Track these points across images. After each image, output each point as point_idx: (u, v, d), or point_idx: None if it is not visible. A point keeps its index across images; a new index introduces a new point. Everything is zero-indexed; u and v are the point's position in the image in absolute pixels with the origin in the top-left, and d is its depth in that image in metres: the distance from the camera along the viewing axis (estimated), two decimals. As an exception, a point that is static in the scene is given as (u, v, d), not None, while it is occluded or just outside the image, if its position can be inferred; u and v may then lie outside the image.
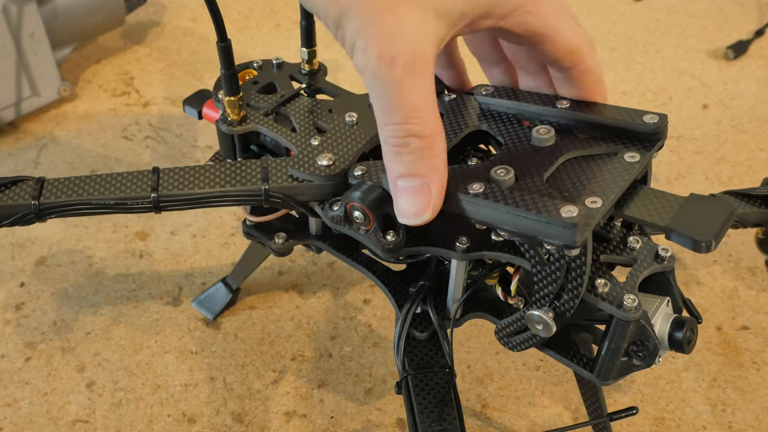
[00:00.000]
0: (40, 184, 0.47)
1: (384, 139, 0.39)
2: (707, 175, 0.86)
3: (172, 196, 0.47)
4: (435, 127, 0.38)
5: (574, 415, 0.63)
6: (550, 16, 0.40)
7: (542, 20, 0.40)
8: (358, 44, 0.37)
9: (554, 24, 0.40)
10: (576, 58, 0.42)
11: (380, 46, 0.36)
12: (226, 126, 0.52)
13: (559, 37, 0.41)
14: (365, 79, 0.38)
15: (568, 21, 0.41)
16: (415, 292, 0.52)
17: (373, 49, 0.36)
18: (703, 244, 0.37)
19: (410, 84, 0.37)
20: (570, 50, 0.41)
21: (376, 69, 0.36)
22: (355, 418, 0.63)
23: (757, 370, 0.66)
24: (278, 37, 1.11)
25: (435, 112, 0.38)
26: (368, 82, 0.38)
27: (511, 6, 0.39)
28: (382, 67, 0.36)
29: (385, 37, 0.36)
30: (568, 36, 0.41)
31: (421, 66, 0.37)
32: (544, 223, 0.37)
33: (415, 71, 0.37)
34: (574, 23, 0.41)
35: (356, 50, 0.37)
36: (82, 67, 1.04)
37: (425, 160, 0.38)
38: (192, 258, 0.76)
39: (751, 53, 1.05)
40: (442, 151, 0.39)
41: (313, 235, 0.56)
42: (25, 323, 0.70)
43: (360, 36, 0.36)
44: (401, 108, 0.37)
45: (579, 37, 0.41)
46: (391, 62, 0.36)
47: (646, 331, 0.42)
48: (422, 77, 0.37)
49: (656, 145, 0.42)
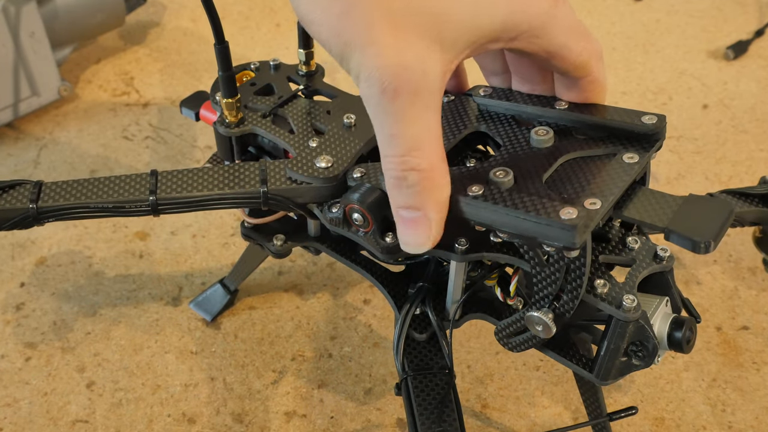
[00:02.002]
0: (38, 187, 0.47)
1: (385, 170, 0.39)
2: (707, 175, 0.86)
3: (171, 200, 0.47)
4: (435, 161, 0.38)
5: (574, 415, 0.63)
6: (559, 36, 0.39)
7: (551, 41, 0.39)
8: (362, 75, 0.36)
9: (563, 43, 0.40)
10: (583, 71, 0.42)
11: (383, 78, 0.35)
12: (224, 128, 0.52)
13: (568, 54, 0.40)
14: (369, 109, 0.37)
15: (578, 37, 0.40)
16: (414, 293, 0.52)
17: (377, 80, 0.36)
18: (702, 245, 0.37)
19: (412, 116, 0.36)
20: (578, 65, 0.41)
21: (379, 100, 0.36)
22: (355, 418, 0.63)
23: (757, 370, 0.66)
24: (278, 37, 1.11)
25: (438, 144, 0.38)
26: (371, 112, 0.37)
27: (518, 31, 0.38)
28: (384, 98, 0.36)
29: (388, 70, 0.35)
30: (576, 52, 0.40)
31: (425, 98, 0.36)
32: (544, 225, 0.37)
33: (418, 103, 0.36)
34: (583, 37, 0.41)
35: (361, 81, 0.37)
36: (82, 67, 1.04)
37: (424, 194, 0.38)
38: (192, 258, 0.76)
39: (751, 53, 1.05)
40: (443, 185, 0.39)
41: (311, 236, 0.56)
42: (25, 323, 0.70)
43: (363, 68, 0.36)
44: (402, 139, 0.37)
45: (588, 51, 0.41)
46: (395, 94, 0.36)
47: (645, 331, 0.42)
48: (426, 110, 0.37)
49: (655, 146, 0.42)
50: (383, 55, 0.35)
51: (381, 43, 0.35)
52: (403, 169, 0.38)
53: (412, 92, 0.36)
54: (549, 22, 0.39)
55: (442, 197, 0.39)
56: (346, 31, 0.36)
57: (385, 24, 0.35)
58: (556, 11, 0.39)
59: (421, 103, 0.36)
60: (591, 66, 0.42)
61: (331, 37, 0.37)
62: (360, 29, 0.35)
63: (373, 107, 0.37)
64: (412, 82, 0.36)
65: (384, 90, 0.36)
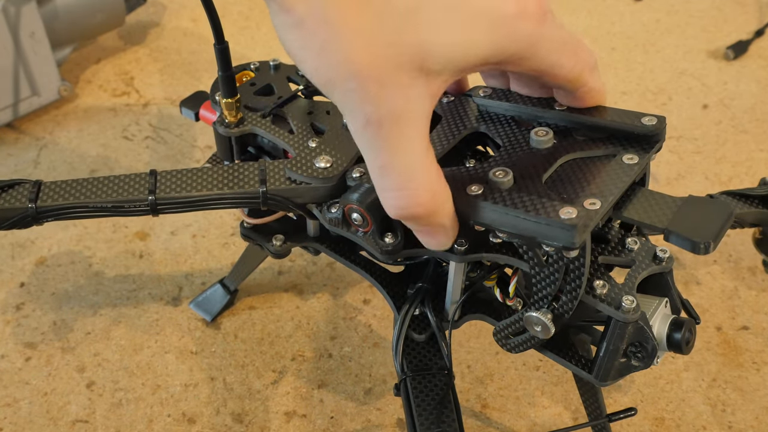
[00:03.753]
0: (37, 187, 0.47)
1: (386, 205, 0.39)
2: (707, 176, 0.86)
3: (170, 199, 0.47)
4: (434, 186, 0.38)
5: (574, 415, 0.63)
6: (549, 55, 0.39)
7: (541, 62, 0.39)
8: (345, 110, 0.36)
9: (554, 62, 0.39)
10: (578, 84, 0.41)
11: (365, 112, 0.35)
12: (224, 128, 0.52)
13: (559, 71, 0.40)
14: (356, 143, 0.37)
15: (569, 53, 0.39)
16: (413, 293, 0.52)
17: (359, 114, 0.35)
18: (702, 246, 0.37)
19: (399, 145, 0.36)
20: (571, 80, 0.41)
21: (363, 133, 0.36)
22: (355, 418, 0.63)
23: (757, 370, 0.66)
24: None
25: (430, 166, 0.38)
26: (360, 146, 0.37)
27: (506, 55, 0.37)
28: (368, 131, 0.36)
29: (369, 103, 0.35)
30: (567, 68, 0.40)
31: (410, 126, 0.36)
32: (543, 224, 0.37)
33: (403, 132, 0.36)
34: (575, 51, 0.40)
35: (345, 115, 0.37)
36: (82, 67, 1.04)
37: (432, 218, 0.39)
38: (192, 258, 0.76)
39: (751, 53, 1.05)
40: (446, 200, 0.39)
41: (310, 236, 0.56)
42: (25, 323, 0.70)
43: (346, 103, 0.36)
44: (394, 170, 0.37)
45: (580, 65, 0.40)
46: (378, 126, 0.35)
47: (644, 332, 0.42)
48: (414, 138, 0.36)
49: (654, 147, 0.42)
50: (364, 90, 0.35)
51: (360, 77, 0.35)
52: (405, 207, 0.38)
53: (395, 122, 0.35)
54: (536, 44, 0.38)
55: (449, 209, 0.39)
56: (325, 69, 0.35)
57: (364, 58, 0.34)
58: (543, 30, 0.37)
59: (407, 132, 0.36)
60: (584, 78, 0.41)
61: (313, 73, 0.36)
62: (339, 65, 0.35)
63: (359, 140, 0.37)
64: (395, 113, 0.35)
65: (367, 123, 0.35)
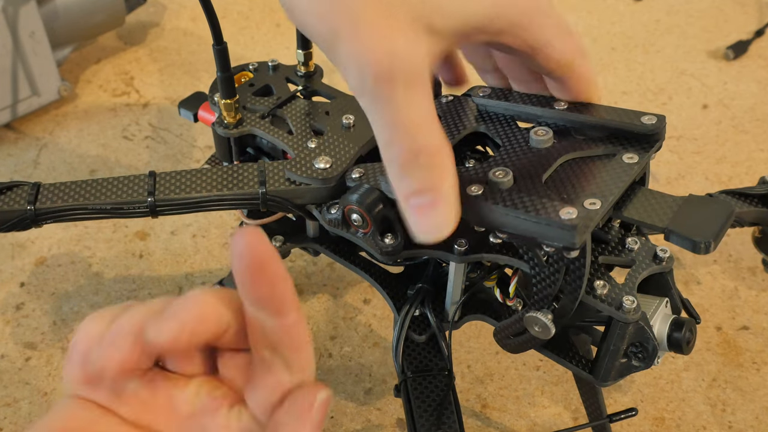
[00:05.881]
0: (35, 189, 0.47)
1: (389, 160, 0.37)
2: (707, 175, 0.86)
3: (169, 201, 0.47)
4: (441, 139, 0.37)
5: (574, 415, 0.63)
6: (544, 30, 0.40)
7: (536, 36, 0.40)
8: (352, 66, 0.36)
9: (548, 39, 0.40)
10: (567, 69, 0.42)
11: (375, 67, 0.35)
12: (223, 129, 0.52)
13: (551, 51, 0.40)
14: (362, 101, 0.37)
15: (562, 34, 0.40)
16: (413, 294, 0.52)
17: (369, 70, 0.35)
18: (702, 245, 0.37)
19: (411, 101, 0.36)
20: (561, 63, 0.41)
21: (373, 89, 0.36)
22: (355, 418, 0.63)
23: (757, 370, 0.66)
24: (278, 37, 1.11)
25: (438, 125, 0.37)
26: (366, 104, 0.37)
27: (505, 22, 0.38)
28: (379, 86, 0.35)
29: (381, 57, 0.35)
30: (559, 49, 0.40)
31: (419, 83, 0.36)
32: (544, 225, 0.37)
33: (412, 88, 0.36)
34: (567, 34, 0.41)
35: (351, 71, 0.36)
36: (82, 67, 1.04)
37: (437, 172, 0.37)
38: (192, 258, 0.76)
39: (751, 53, 1.05)
40: (452, 164, 0.38)
41: (310, 237, 0.56)
42: (25, 323, 0.70)
43: (353, 58, 0.36)
44: (404, 125, 0.36)
45: (571, 49, 0.41)
46: (390, 80, 0.35)
47: (645, 333, 0.42)
48: (423, 95, 0.36)
49: (654, 147, 0.42)
50: (374, 43, 0.35)
51: (371, 30, 0.35)
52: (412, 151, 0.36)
53: (406, 78, 0.35)
54: (535, 16, 0.39)
55: (454, 177, 0.38)
56: (334, 19, 0.35)
57: (375, 11, 0.35)
58: (542, 5, 0.39)
59: (417, 88, 0.36)
60: (574, 63, 0.42)
61: (319, 24, 0.36)
62: (349, 16, 0.35)
63: (367, 97, 0.36)
64: (406, 68, 0.35)
65: (378, 77, 0.35)
